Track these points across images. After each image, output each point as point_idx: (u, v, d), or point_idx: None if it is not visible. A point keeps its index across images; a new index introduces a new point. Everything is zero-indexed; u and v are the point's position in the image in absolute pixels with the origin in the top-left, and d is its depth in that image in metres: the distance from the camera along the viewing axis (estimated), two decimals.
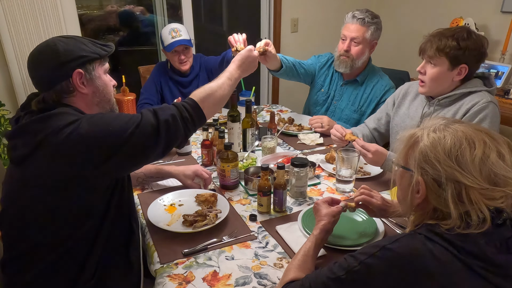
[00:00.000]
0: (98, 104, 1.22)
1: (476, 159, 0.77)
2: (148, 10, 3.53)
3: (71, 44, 1.14)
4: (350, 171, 1.54)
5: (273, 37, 3.51)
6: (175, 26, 2.35)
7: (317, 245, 1.09)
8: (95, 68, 1.18)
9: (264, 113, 2.54)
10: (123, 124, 1.07)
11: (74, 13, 2.62)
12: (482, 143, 0.78)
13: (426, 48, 1.57)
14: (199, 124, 1.22)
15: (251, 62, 1.43)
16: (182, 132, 1.15)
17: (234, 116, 1.81)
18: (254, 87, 2.25)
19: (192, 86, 2.50)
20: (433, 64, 1.57)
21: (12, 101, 2.54)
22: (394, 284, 0.77)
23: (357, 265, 0.81)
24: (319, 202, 1.21)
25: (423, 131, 0.85)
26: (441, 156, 0.79)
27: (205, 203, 1.43)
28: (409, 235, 0.82)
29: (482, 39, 1.54)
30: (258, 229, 1.34)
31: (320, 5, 3.57)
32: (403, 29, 3.51)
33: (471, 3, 2.97)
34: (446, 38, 1.51)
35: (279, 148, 1.97)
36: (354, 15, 2.12)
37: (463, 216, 0.77)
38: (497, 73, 2.66)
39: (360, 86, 2.24)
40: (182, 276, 1.13)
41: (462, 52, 1.50)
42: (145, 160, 1.15)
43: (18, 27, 2.39)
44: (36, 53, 1.14)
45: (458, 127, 0.82)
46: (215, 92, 1.25)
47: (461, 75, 1.56)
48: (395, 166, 0.94)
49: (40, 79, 1.14)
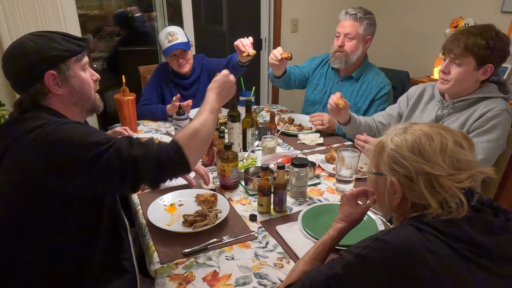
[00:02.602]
0: (76, 103, 1.16)
1: (437, 149, 0.84)
2: (148, 10, 3.53)
3: (41, 43, 1.06)
4: (350, 171, 1.54)
5: (273, 37, 3.52)
6: (171, 30, 2.31)
7: (331, 243, 1.07)
8: (69, 67, 1.10)
9: (264, 113, 2.54)
10: (93, 142, 0.99)
11: (74, 13, 2.62)
12: (438, 135, 0.86)
13: (453, 46, 1.50)
14: (180, 171, 1.12)
15: (230, 88, 1.30)
16: (151, 177, 1.05)
17: (234, 116, 1.81)
18: (254, 87, 2.25)
19: (193, 88, 2.49)
20: (457, 64, 1.51)
21: (12, 101, 2.54)
22: (390, 273, 0.80)
23: (352, 258, 0.84)
24: (348, 196, 1.12)
25: (386, 137, 0.93)
26: (406, 154, 0.86)
27: (205, 203, 1.43)
28: (400, 226, 0.88)
29: (508, 38, 1.51)
30: (258, 229, 1.34)
31: (320, 5, 3.57)
32: (403, 29, 3.50)
33: (471, 3, 2.96)
34: (475, 36, 1.47)
35: (279, 148, 1.97)
36: (347, 12, 2.17)
37: (443, 204, 0.83)
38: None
39: (355, 83, 2.26)
40: (182, 276, 1.13)
41: (490, 51, 1.46)
42: (110, 190, 1.07)
43: (18, 27, 2.39)
44: (7, 55, 1.08)
45: (415, 127, 0.91)
46: (199, 132, 1.12)
47: (487, 75, 1.52)
48: (368, 175, 1.01)
49: (14, 82, 1.10)
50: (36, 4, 2.40)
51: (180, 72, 2.41)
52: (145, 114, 2.37)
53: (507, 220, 0.84)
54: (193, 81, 2.49)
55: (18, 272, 1.10)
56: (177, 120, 1.86)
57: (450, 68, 1.55)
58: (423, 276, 0.77)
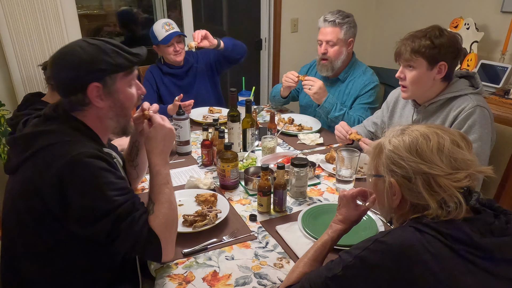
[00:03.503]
0: (113, 118, 1.14)
1: (434, 149, 0.84)
2: (148, 10, 3.53)
3: (91, 53, 1.05)
4: (350, 171, 1.54)
5: (273, 37, 3.52)
6: (166, 20, 2.40)
7: (330, 244, 1.08)
8: (115, 81, 1.09)
9: (264, 113, 2.54)
10: (108, 197, 1.02)
11: (74, 13, 2.62)
12: (435, 135, 0.86)
13: (401, 52, 1.55)
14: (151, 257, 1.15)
15: (165, 136, 1.18)
16: (125, 245, 1.06)
17: (234, 116, 1.81)
18: (254, 87, 2.25)
19: (189, 77, 2.53)
20: (411, 68, 1.55)
21: (12, 101, 2.54)
22: (390, 274, 0.79)
23: (352, 259, 0.84)
24: (349, 196, 1.10)
25: (385, 139, 0.93)
26: (404, 155, 0.87)
27: (205, 203, 1.43)
28: (399, 227, 0.87)
29: (455, 35, 1.53)
30: (258, 229, 1.34)
31: (320, 5, 3.56)
32: (403, 29, 3.47)
33: (471, 3, 2.96)
34: (419, 38, 1.50)
35: (279, 148, 1.97)
36: (325, 19, 2.19)
37: (441, 204, 0.83)
38: (497, 73, 2.66)
39: (342, 83, 2.29)
40: (182, 276, 1.12)
41: (438, 50, 1.48)
42: (91, 237, 1.06)
43: (18, 27, 2.39)
44: (56, 59, 1.08)
45: (412, 128, 0.91)
46: (171, 216, 1.13)
47: (442, 73, 1.53)
48: (368, 178, 1.01)
49: (57, 86, 1.10)
50: (36, 4, 2.40)
51: (175, 60, 2.44)
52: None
53: (507, 222, 0.84)
54: (187, 70, 2.53)
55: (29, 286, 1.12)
56: (177, 120, 1.86)
57: (404, 73, 1.58)
58: (422, 277, 0.77)
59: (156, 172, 1.16)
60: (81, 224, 1.03)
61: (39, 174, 1.01)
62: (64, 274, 1.11)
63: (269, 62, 3.64)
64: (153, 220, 1.09)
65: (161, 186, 1.14)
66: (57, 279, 1.11)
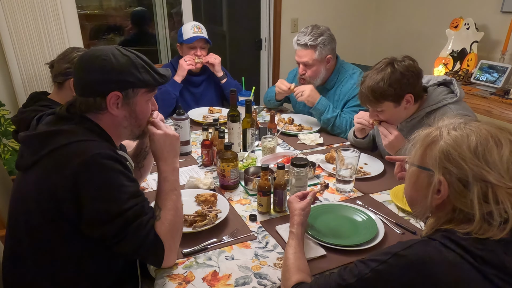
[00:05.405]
0: (127, 127, 1.17)
1: (504, 157, 0.74)
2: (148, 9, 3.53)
3: (123, 64, 1.07)
4: (350, 171, 1.54)
5: (273, 37, 3.52)
6: (197, 24, 2.41)
7: (300, 240, 1.13)
8: (137, 95, 1.12)
9: (264, 113, 2.54)
10: (123, 200, 1.04)
11: (74, 13, 2.62)
12: (509, 142, 0.75)
13: (366, 102, 1.60)
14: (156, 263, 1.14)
15: (170, 144, 1.20)
16: (130, 247, 1.06)
17: (234, 116, 1.81)
18: (254, 87, 2.25)
19: (203, 87, 2.54)
20: (380, 111, 1.60)
21: (12, 101, 2.54)
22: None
23: (368, 272, 0.79)
24: (291, 199, 1.24)
25: (441, 129, 0.81)
26: (466, 155, 0.75)
27: (205, 203, 1.43)
28: (422, 241, 0.78)
29: (408, 61, 1.52)
30: (258, 229, 1.34)
31: (320, 5, 3.57)
32: (403, 29, 3.50)
33: (471, 3, 2.97)
34: (376, 83, 1.50)
35: (279, 148, 1.97)
36: (297, 42, 2.16)
37: (485, 217, 0.74)
38: (497, 73, 2.66)
39: (329, 91, 2.27)
40: (182, 276, 1.13)
41: (398, 86, 1.49)
42: (99, 238, 1.06)
43: (18, 27, 2.39)
44: (88, 56, 1.09)
45: (480, 125, 0.79)
46: (176, 223, 1.15)
47: (411, 102, 1.55)
48: (409, 165, 0.88)
49: (79, 83, 1.10)
50: (36, 4, 2.40)
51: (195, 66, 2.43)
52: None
53: None
54: (203, 80, 2.54)
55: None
56: (177, 120, 1.86)
57: (377, 115, 1.64)
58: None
59: (163, 178, 1.19)
60: (91, 224, 1.04)
61: (54, 174, 1.01)
62: (69, 277, 1.11)
63: (269, 62, 3.65)
64: (159, 226, 1.11)
65: (168, 193, 1.17)
66: (61, 282, 1.11)
